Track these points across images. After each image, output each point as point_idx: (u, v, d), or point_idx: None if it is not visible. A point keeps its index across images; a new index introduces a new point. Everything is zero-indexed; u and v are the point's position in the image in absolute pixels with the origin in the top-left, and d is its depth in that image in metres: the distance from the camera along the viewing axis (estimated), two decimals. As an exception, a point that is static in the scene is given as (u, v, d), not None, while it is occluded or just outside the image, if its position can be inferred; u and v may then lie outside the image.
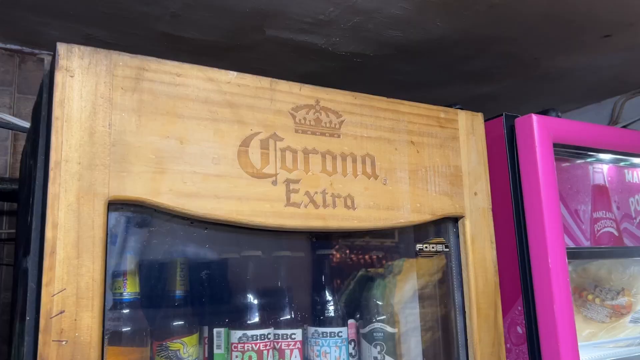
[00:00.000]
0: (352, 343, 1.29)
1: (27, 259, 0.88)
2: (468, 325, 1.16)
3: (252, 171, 0.95)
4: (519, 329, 1.33)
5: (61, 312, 0.76)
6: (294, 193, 0.99)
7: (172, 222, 0.95)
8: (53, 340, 0.75)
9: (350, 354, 1.27)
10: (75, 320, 0.77)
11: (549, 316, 1.28)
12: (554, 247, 1.29)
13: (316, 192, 1.01)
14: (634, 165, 1.65)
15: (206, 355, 1.22)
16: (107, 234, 0.82)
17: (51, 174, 0.78)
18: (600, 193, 1.54)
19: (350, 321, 1.29)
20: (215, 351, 1.18)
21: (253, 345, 1.11)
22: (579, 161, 1.55)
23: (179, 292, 1.17)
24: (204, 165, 0.90)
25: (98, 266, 0.80)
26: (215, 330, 1.19)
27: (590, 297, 1.65)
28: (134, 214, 0.88)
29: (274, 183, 0.97)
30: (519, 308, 1.33)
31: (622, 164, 1.63)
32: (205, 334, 1.23)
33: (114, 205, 0.84)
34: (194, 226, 0.97)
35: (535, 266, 1.31)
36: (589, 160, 1.55)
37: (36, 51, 1.91)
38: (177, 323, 1.15)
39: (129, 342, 1.04)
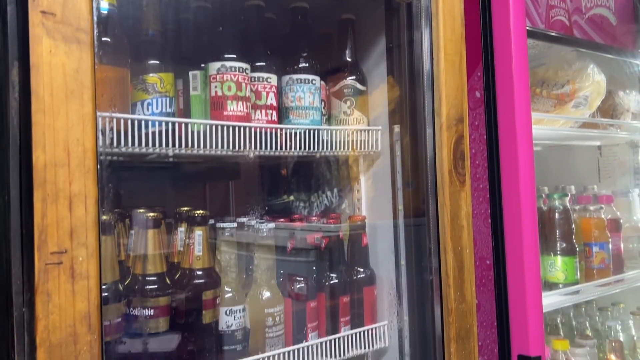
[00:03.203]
0: (322, 102, 1.34)
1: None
2: (435, 70, 1.23)
3: None
4: (477, 94, 1.42)
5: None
6: None
7: None
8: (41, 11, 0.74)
9: (321, 112, 1.32)
10: (64, -30, 0.75)
11: (507, 78, 1.36)
12: (516, 12, 1.36)
13: None
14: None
15: (181, 106, 1.24)
16: None
17: None
18: (557, -19, 1.60)
19: (321, 82, 1.33)
20: (192, 93, 1.20)
21: (232, 76, 1.13)
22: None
23: (152, 31, 1.16)
24: None
25: None
26: (190, 73, 1.20)
27: (537, 90, 1.77)
28: None
29: None
30: (479, 74, 1.41)
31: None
32: (180, 87, 1.24)
33: None
34: None
35: (497, 32, 1.37)
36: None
37: None
38: (153, 61, 1.15)
39: (107, 59, 1.04)
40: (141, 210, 1.09)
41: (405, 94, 1.32)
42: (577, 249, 1.64)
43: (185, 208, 1.16)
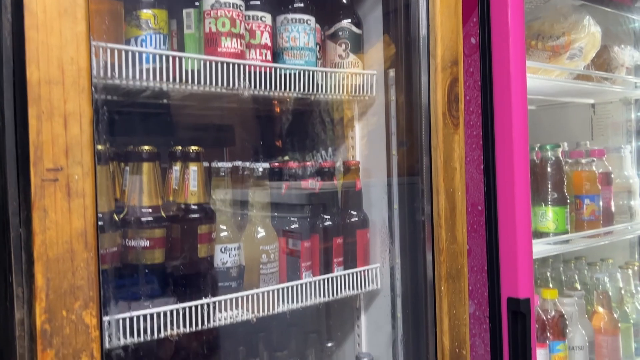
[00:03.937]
0: (317, 46, 1.34)
1: None
2: (431, 11, 1.22)
3: None
4: (473, 40, 1.42)
5: None
6: None
7: None
8: None
9: (316, 55, 1.32)
10: None
11: (503, 24, 1.36)
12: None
13: None
14: None
15: (175, 47, 1.23)
16: None
17: None
18: None
19: (316, 26, 1.32)
20: (186, 32, 1.19)
21: (226, 11, 1.12)
22: None
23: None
24: None
25: None
26: (184, 10, 1.19)
27: (533, 43, 1.77)
28: None
29: None
30: (474, 20, 1.41)
31: None
32: (174, 27, 1.23)
33: None
34: None
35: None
36: None
37: None
38: (146, -2, 1.14)
39: (100, -9, 1.03)
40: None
41: (401, 36, 1.32)
42: (568, 201, 1.66)
43: (179, 147, 1.17)
